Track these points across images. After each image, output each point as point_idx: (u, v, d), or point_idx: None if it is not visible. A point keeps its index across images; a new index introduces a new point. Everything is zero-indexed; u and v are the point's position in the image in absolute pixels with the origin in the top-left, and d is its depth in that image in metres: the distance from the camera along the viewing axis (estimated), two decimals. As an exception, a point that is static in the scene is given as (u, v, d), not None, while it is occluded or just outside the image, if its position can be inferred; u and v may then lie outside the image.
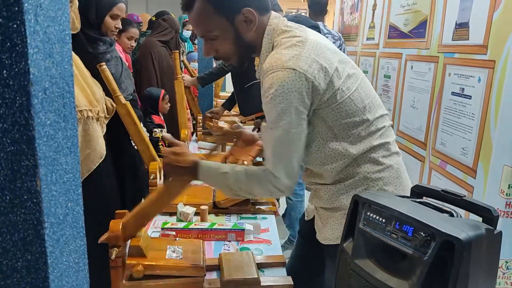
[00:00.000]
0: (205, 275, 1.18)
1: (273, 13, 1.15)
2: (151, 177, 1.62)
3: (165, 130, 2.81)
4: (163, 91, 2.72)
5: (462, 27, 2.06)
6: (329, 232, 1.20)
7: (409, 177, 1.32)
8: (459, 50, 2.09)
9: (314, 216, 1.30)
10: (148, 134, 2.73)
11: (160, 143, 2.75)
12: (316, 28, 2.45)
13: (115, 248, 1.10)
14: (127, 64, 2.58)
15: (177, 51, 2.35)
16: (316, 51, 1.06)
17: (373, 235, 0.80)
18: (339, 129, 1.10)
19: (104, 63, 1.58)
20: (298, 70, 1.01)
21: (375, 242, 0.80)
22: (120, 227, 1.11)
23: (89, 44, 1.75)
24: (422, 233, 0.71)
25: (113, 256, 1.09)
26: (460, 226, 0.71)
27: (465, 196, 0.85)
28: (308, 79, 1.02)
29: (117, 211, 1.22)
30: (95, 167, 1.63)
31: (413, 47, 2.59)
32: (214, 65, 3.33)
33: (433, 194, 0.89)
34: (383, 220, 0.79)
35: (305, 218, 1.38)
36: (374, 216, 0.80)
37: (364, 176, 1.13)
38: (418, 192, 0.92)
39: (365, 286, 0.80)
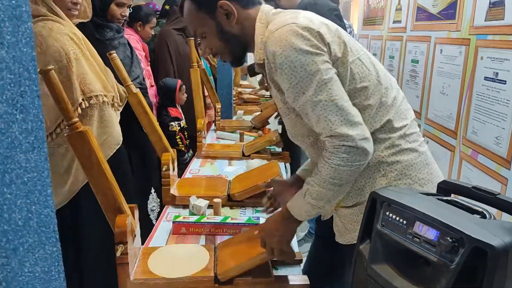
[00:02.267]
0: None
1: (264, 5, 1.12)
2: (164, 169, 1.57)
3: (182, 121, 2.76)
4: (179, 81, 2.66)
5: (496, 6, 1.90)
6: (352, 233, 1.12)
7: (439, 168, 1.21)
8: (493, 32, 1.93)
9: (331, 216, 1.22)
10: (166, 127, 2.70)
11: (177, 137, 2.71)
12: (336, 11, 2.33)
13: (121, 245, 1.05)
14: (144, 54, 2.54)
15: (193, 38, 2.28)
16: (314, 14, 1.04)
17: (393, 238, 0.71)
18: (350, 95, 1.01)
19: (114, 52, 1.53)
20: (299, 23, 0.97)
21: (395, 246, 0.71)
22: (127, 222, 1.06)
23: (96, 31, 1.72)
24: (448, 237, 0.62)
25: (118, 253, 1.04)
26: (494, 229, 0.61)
27: (499, 194, 0.74)
28: (311, 30, 0.96)
29: (129, 205, 1.17)
30: (112, 153, 1.60)
31: (443, 29, 2.43)
32: None
33: (462, 191, 0.79)
34: (404, 222, 0.70)
35: (322, 218, 1.29)
36: (393, 216, 0.72)
37: (378, 160, 1.05)
38: (445, 188, 0.82)
39: (383, 295, 0.71)
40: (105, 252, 1.25)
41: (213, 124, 2.94)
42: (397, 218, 0.71)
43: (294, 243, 1.34)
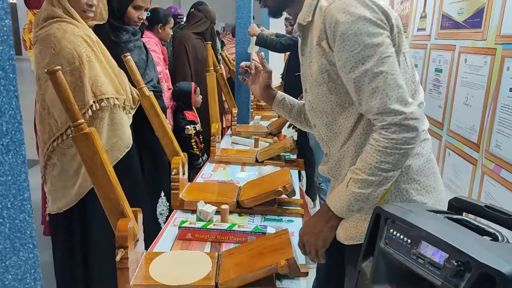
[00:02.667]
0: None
1: None
2: (173, 173, 1.56)
3: (198, 125, 2.76)
4: (193, 84, 2.67)
5: (525, 14, 1.81)
6: (352, 230, 1.08)
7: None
8: (521, 41, 1.85)
9: None
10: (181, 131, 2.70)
11: (192, 140, 2.71)
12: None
13: (121, 249, 1.04)
14: (162, 56, 2.56)
15: (210, 42, 2.28)
16: None
17: (396, 258, 0.67)
18: None
19: (128, 54, 1.53)
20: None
21: (398, 266, 0.67)
22: (128, 227, 1.04)
23: (112, 33, 1.73)
24: (454, 261, 0.58)
25: (118, 258, 1.03)
26: (505, 254, 0.57)
27: (514, 214, 0.69)
28: (378, 6, 0.94)
29: (133, 209, 1.16)
30: (121, 156, 1.61)
31: (468, 38, 2.35)
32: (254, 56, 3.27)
33: (475, 210, 0.74)
34: (409, 241, 0.65)
35: None
36: (398, 234, 0.67)
37: None
38: (456, 206, 0.77)
39: (383, 317, 0.67)
40: (112, 254, 1.25)
41: (229, 129, 2.92)
42: (401, 237, 0.67)
43: (301, 256, 1.30)
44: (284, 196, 1.63)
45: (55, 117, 1.48)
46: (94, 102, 1.48)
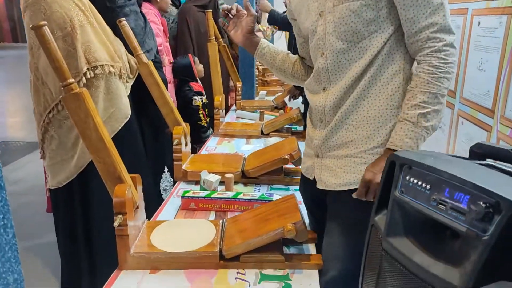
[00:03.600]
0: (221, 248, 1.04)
1: None
2: (175, 143, 1.50)
3: (204, 97, 2.70)
4: (190, 55, 2.59)
5: (544, -33, 1.70)
6: (346, 175, 1.04)
7: None
8: (540, -4, 1.74)
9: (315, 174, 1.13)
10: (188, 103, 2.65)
11: (200, 112, 2.65)
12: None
13: (120, 215, 0.98)
14: (162, 28, 2.47)
15: (210, 10, 2.19)
16: None
17: (413, 206, 0.60)
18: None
19: (123, 19, 1.46)
20: None
21: (416, 216, 0.60)
22: (126, 192, 0.99)
23: (105, -2, 1.64)
24: (481, 202, 0.51)
25: (116, 223, 0.98)
26: (539, 194, 0.50)
27: (545, 157, 0.62)
28: None
29: (131, 175, 1.10)
30: (120, 127, 1.55)
31: (481, -1, 2.23)
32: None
33: (499, 155, 0.67)
34: (428, 186, 0.59)
35: (308, 178, 1.17)
36: (415, 181, 0.61)
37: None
38: (479, 152, 0.70)
39: (400, 273, 0.61)
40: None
41: (234, 104, 2.85)
42: (419, 183, 0.60)
43: (306, 221, 1.24)
44: (290, 166, 1.57)
45: (49, 87, 1.42)
46: (88, 69, 1.42)
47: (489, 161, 0.65)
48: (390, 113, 1.00)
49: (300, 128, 2.22)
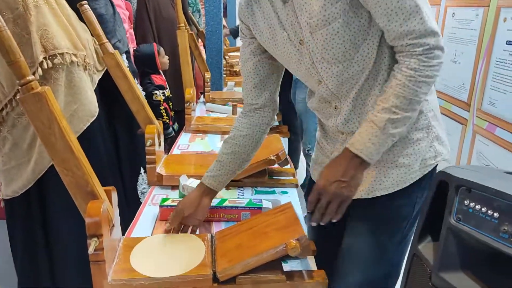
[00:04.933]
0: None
1: None
2: (148, 143, 1.34)
3: (167, 90, 2.51)
4: (155, 44, 2.39)
5: (526, -42, 1.67)
6: (376, 180, 0.96)
7: (449, 143, 1.06)
8: (520, -12, 1.71)
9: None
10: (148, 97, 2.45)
11: (161, 107, 2.46)
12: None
13: (95, 238, 0.83)
14: (128, 13, 2.26)
15: (180, -5, 2.01)
16: None
17: (476, 237, 0.50)
18: None
19: (86, 2, 1.26)
20: None
21: (479, 248, 0.50)
22: (101, 210, 0.83)
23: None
24: None
25: (91, 249, 0.82)
26: None
27: None
28: None
29: (105, 188, 0.94)
30: (85, 127, 1.35)
31: (457, -10, 2.20)
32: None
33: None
34: (495, 214, 0.49)
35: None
36: (477, 206, 0.51)
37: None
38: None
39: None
40: (80, 244, 1.03)
41: (202, 95, 2.69)
42: (484, 210, 0.50)
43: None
44: (274, 166, 1.46)
45: (0, 81, 1.20)
46: (44, 58, 1.21)
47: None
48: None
49: (276, 123, 2.11)
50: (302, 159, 3.03)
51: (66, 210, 1.26)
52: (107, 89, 1.52)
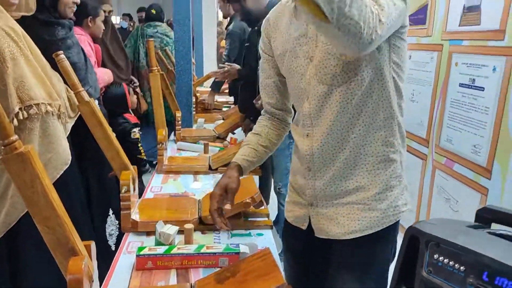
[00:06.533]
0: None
1: None
2: (123, 190, 1.34)
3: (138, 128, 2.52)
4: (125, 86, 2.43)
5: (471, 11, 1.85)
6: (352, 222, 1.02)
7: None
8: (468, 37, 1.88)
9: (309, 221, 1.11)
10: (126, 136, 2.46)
11: (139, 144, 2.47)
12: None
13: (75, 296, 0.82)
14: (95, 60, 2.27)
15: (152, 39, 2.05)
16: None
17: (446, 289, 0.55)
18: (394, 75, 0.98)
19: (61, 52, 1.28)
20: None
21: (449, 299, 0.56)
22: (82, 267, 0.83)
23: (45, 30, 1.46)
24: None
25: (72, 307, 0.81)
26: None
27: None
28: None
29: (84, 243, 0.93)
30: (59, 175, 1.35)
31: (412, 35, 2.38)
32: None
33: (507, 220, 0.65)
34: (462, 268, 0.54)
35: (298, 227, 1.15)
36: (446, 260, 0.56)
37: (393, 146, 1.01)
38: (485, 217, 0.68)
39: None
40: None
41: (172, 134, 2.71)
42: (451, 263, 0.56)
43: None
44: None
45: None
46: (20, 109, 1.21)
47: (506, 230, 0.63)
48: (387, 156, 0.99)
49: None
50: (272, 195, 3.06)
51: (40, 266, 1.23)
52: (77, 133, 1.53)
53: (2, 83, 1.18)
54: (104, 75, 2.28)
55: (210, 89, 3.59)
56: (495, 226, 0.68)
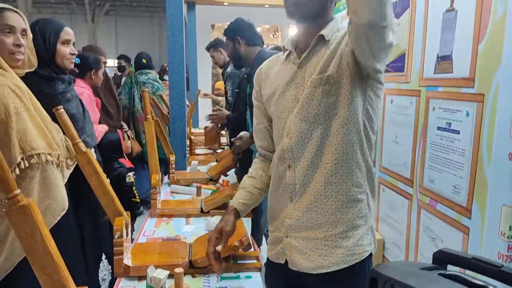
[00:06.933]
0: None
1: None
2: (116, 236, 1.40)
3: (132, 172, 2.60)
4: (120, 131, 2.55)
5: (444, 60, 1.99)
6: (320, 258, 1.10)
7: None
8: (443, 84, 2.02)
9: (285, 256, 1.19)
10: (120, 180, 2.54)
11: (133, 188, 2.55)
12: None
13: None
14: (98, 114, 2.40)
15: (146, 89, 2.18)
16: None
17: (401, 326, 0.62)
18: (365, 118, 1.10)
19: (61, 107, 1.39)
20: None
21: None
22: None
23: (45, 85, 1.57)
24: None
25: None
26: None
27: (503, 266, 0.69)
28: None
29: None
30: (56, 221, 1.42)
31: (392, 81, 2.52)
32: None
33: (461, 262, 0.73)
34: (413, 307, 0.62)
35: (279, 263, 1.22)
36: (400, 300, 0.63)
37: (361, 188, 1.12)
38: (441, 259, 0.75)
39: None
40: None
41: (166, 177, 2.79)
42: (405, 303, 0.63)
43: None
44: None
45: None
46: (22, 159, 1.31)
47: (456, 272, 0.70)
48: (355, 196, 1.08)
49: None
50: (265, 235, 3.10)
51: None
52: (74, 180, 1.61)
53: (6, 135, 1.27)
54: (101, 128, 2.41)
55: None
56: (452, 267, 0.75)
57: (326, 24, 1.12)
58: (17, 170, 1.29)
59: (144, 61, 4.07)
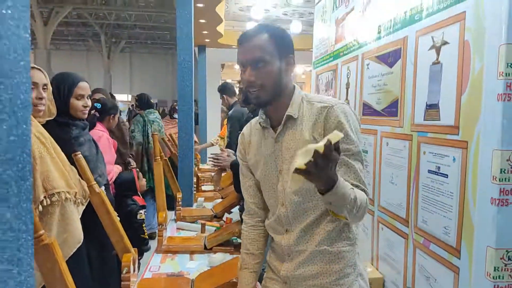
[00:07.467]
0: None
1: None
2: (124, 271, 1.53)
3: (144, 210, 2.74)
4: (134, 171, 2.72)
5: (432, 108, 2.14)
6: None
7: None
8: (431, 130, 2.15)
9: None
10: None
11: (143, 225, 2.68)
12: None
13: None
14: (114, 149, 2.59)
15: (156, 133, 2.36)
16: None
17: None
18: None
19: (79, 152, 1.56)
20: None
21: None
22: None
23: (61, 130, 1.77)
24: None
25: None
26: None
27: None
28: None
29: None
30: (72, 253, 1.56)
31: (387, 125, 2.67)
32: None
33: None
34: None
35: None
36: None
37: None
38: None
39: None
40: None
41: (173, 213, 2.92)
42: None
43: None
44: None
45: None
46: (45, 197, 1.48)
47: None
48: (345, 248, 1.25)
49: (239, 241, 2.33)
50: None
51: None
52: (84, 214, 1.75)
53: (31, 176, 1.44)
54: (116, 169, 2.61)
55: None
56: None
57: (290, 95, 1.24)
58: (40, 207, 1.46)
59: (152, 101, 4.42)
